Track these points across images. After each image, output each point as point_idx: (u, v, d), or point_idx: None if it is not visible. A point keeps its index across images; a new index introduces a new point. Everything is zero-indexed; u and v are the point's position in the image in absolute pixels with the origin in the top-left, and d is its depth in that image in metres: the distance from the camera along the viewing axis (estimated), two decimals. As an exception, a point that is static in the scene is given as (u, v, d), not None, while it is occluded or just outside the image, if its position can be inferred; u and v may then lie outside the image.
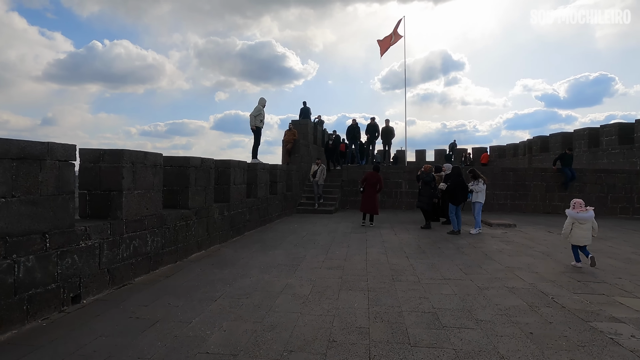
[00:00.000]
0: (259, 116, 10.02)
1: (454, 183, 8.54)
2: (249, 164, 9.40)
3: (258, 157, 10.16)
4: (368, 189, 9.81)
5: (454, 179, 8.60)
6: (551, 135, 19.40)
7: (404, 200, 14.30)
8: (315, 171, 12.32)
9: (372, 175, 9.92)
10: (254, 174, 9.33)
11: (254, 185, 9.34)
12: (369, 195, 9.83)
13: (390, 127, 14.82)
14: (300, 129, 15.27)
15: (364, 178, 10.07)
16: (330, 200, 13.48)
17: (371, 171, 10.13)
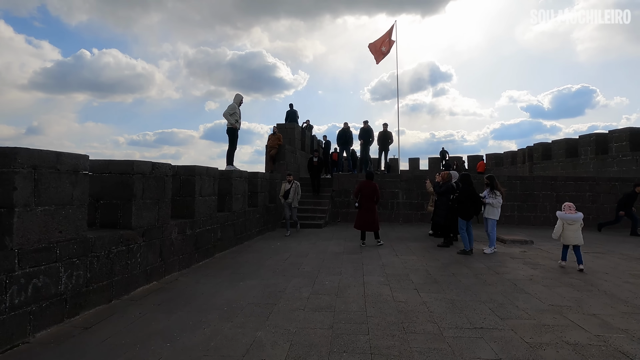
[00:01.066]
0: (234, 115, 8.66)
1: (464, 193, 7.29)
2: (222, 171, 8.03)
3: (234, 164, 8.79)
4: (364, 202, 8.37)
5: (464, 188, 7.35)
6: (554, 142, 18.52)
7: (402, 212, 13.04)
8: (287, 190, 9.65)
9: (367, 185, 8.50)
10: (228, 183, 7.95)
11: (229, 196, 7.95)
12: (366, 208, 8.37)
13: (389, 132, 13.63)
14: (286, 133, 13.98)
15: (357, 189, 8.44)
16: (319, 213, 12.13)
17: (365, 180, 8.67)
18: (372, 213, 8.36)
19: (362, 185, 8.47)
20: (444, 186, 8.19)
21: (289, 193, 9.69)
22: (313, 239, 9.30)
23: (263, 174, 10.10)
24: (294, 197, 9.76)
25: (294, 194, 9.74)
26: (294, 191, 9.76)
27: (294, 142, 13.89)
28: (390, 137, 13.58)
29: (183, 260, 5.96)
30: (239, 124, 8.68)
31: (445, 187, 8.17)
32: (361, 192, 8.40)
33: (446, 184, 8.23)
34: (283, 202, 9.77)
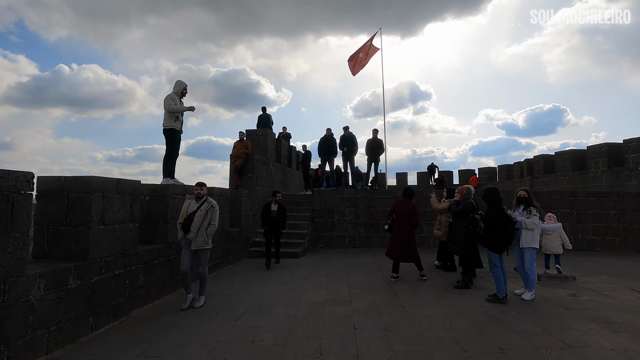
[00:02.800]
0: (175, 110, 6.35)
1: (496, 215, 5.25)
2: (155, 186, 5.78)
3: (176, 177, 6.49)
4: (398, 226, 6.55)
5: (494, 207, 5.32)
6: (557, 153, 17.00)
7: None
8: (192, 213, 4.95)
9: (404, 205, 6.60)
10: (162, 203, 5.70)
11: (163, 222, 5.69)
12: (402, 234, 6.55)
13: (379, 139, 11.63)
14: (257, 141, 11.81)
15: (392, 209, 6.77)
16: (295, 238, 9.89)
17: (401, 199, 6.77)
18: (409, 241, 6.60)
19: (398, 205, 6.65)
20: (462, 204, 6.14)
21: (193, 217, 4.89)
22: (285, 276, 7.04)
23: (220, 189, 7.85)
24: (200, 226, 4.89)
25: (201, 221, 4.90)
26: (203, 217, 4.92)
27: (266, 151, 11.73)
28: (381, 146, 11.60)
29: (59, 332, 3.63)
30: (181, 123, 6.40)
31: (464, 205, 6.12)
32: (395, 212, 6.62)
33: (464, 201, 6.19)
34: (180, 237, 5.00)
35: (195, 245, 4.95)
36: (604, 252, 10.55)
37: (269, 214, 7.72)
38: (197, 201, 5.03)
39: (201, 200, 5.04)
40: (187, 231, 4.90)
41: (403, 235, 6.52)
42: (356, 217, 11.07)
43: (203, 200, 5.04)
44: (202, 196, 5.05)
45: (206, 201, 5.06)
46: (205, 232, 4.96)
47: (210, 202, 5.07)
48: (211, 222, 5.03)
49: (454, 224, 6.29)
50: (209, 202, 5.07)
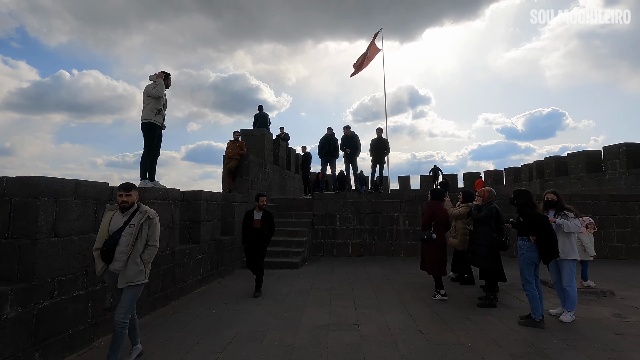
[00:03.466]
0: (157, 102, 5.55)
1: (534, 220, 4.45)
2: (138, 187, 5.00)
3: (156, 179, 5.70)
4: (440, 232, 5.67)
5: (527, 212, 4.53)
6: (570, 155, 16.26)
7: (403, 243, 10.16)
8: (117, 232, 3.31)
9: (442, 209, 5.82)
10: (136, 208, 4.90)
11: (138, 230, 4.88)
12: (444, 241, 5.76)
13: (384, 139, 10.85)
14: (253, 141, 11.06)
15: (430, 213, 5.64)
16: (294, 246, 9.10)
17: (435, 201, 5.85)
18: (444, 250, 5.73)
19: (437, 209, 5.73)
20: (485, 209, 5.35)
21: (116, 241, 3.30)
22: (282, 291, 6.24)
23: (209, 193, 7.07)
24: (130, 255, 3.33)
25: (130, 244, 3.32)
26: (132, 235, 3.33)
27: (263, 152, 10.96)
28: (387, 146, 10.84)
29: (-13, 377, 2.84)
30: (162, 116, 5.60)
31: (487, 211, 5.33)
32: (435, 217, 5.65)
33: (487, 206, 5.40)
34: (99, 270, 3.36)
35: (124, 281, 3.29)
36: (630, 260, 9.75)
37: (250, 225, 5.97)
38: (124, 213, 3.39)
39: (130, 211, 3.40)
40: (110, 260, 3.28)
41: (443, 241, 5.71)
42: (360, 223, 10.29)
43: (133, 211, 3.41)
44: (129, 205, 3.38)
45: (138, 211, 3.43)
46: (139, 259, 3.34)
47: (146, 211, 3.46)
48: (149, 241, 3.41)
49: (475, 232, 5.49)
50: (143, 213, 3.43)
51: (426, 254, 5.71)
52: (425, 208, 5.85)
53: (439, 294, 5.66)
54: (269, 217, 6.13)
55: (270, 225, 6.12)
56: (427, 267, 5.72)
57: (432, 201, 5.83)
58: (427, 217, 5.66)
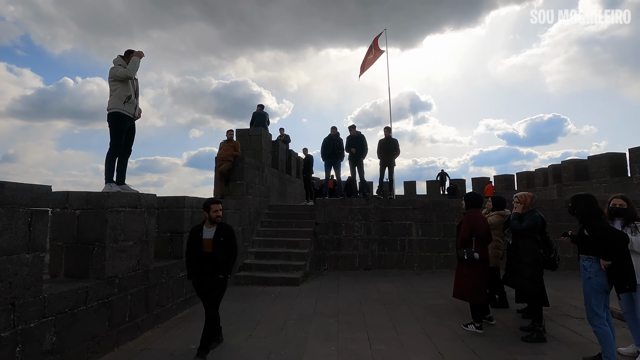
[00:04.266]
0: (125, 88, 4.52)
1: (604, 239, 3.45)
2: (90, 195, 4.07)
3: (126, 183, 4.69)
4: (481, 249, 4.56)
5: (595, 225, 3.53)
6: (591, 157, 15.25)
7: (416, 255, 9.15)
8: None
9: (482, 218, 4.71)
10: (98, 219, 3.97)
11: (100, 246, 3.94)
12: (488, 260, 4.70)
13: (393, 139, 9.88)
14: (249, 142, 10.12)
15: (472, 225, 4.51)
16: (295, 259, 8.11)
17: (474, 209, 4.69)
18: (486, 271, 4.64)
19: (477, 219, 4.60)
20: (528, 218, 4.36)
21: None
22: (279, 316, 5.24)
23: (195, 199, 6.10)
24: None
25: None
26: None
27: (260, 154, 10.01)
28: (396, 147, 9.87)
29: None
30: (133, 105, 4.66)
31: (532, 220, 4.34)
32: (475, 230, 4.52)
33: (531, 214, 4.41)
34: None
35: None
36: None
37: (198, 247, 3.95)
38: None
39: None
40: None
41: (488, 262, 4.68)
42: (368, 233, 9.30)
43: None
44: None
45: None
46: None
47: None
48: None
49: (515, 246, 4.49)
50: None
51: (464, 277, 4.58)
52: (462, 219, 4.73)
53: (474, 326, 4.62)
54: (226, 234, 3.98)
55: (230, 247, 3.98)
56: (465, 293, 4.58)
57: (470, 210, 4.70)
58: (466, 230, 4.52)
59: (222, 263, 3.88)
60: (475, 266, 4.48)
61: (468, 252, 4.45)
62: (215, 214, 3.97)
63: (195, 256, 3.92)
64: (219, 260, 3.88)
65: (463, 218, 4.72)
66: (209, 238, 3.92)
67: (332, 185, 11.21)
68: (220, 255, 3.89)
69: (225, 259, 3.91)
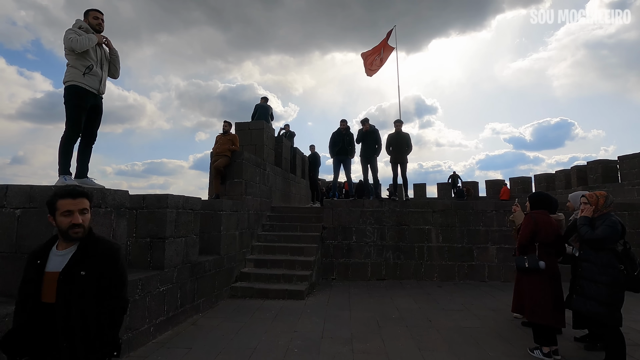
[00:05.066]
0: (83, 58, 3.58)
1: None
2: (34, 190, 3.16)
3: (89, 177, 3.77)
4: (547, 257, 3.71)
5: None
6: (622, 157, 14.15)
7: (436, 264, 8.17)
8: None
9: (548, 222, 3.78)
10: (38, 222, 3.06)
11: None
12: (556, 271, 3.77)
13: (405, 133, 8.88)
14: (249, 136, 9.23)
15: (533, 228, 3.70)
16: (299, 268, 7.17)
17: (540, 211, 3.86)
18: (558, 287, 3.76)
19: (543, 222, 3.73)
20: (605, 225, 3.37)
21: None
22: (280, 340, 4.29)
23: (181, 198, 5.17)
24: None
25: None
26: None
27: (262, 150, 9.10)
28: (408, 142, 8.87)
29: None
30: (97, 79, 3.62)
31: (609, 227, 3.35)
32: (539, 234, 3.68)
33: (607, 219, 3.42)
34: None
35: None
36: None
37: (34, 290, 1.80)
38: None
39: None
40: None
41: (558, 275, 3.77)
42: (381, 238, 8.33)
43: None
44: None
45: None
46: None
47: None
48: None
49: (586, 260, 3.51)
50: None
51: (526, 290, 3.73)
52: (524, 221, 3.88)
53: (540, 352, 3.67)
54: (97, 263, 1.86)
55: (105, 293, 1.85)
56: (526, 309, 3.76)
57: (535, 212, 3.85)
58: (525, 234, 3.67)
59: (82, 337, 1.76)
60: (542, 277, 3.58)
61: (530, 259, 3.55)
62: (67, 221, 1.84)
63: (28, 309, 1.80)
64: (74, 331, 1.76)
65: (525, 219, 3.83)
66: (54, 271, 1.82)
67: (347, 187, 10.28)
68: (75, 315, 1.77)
69: (95, 325, 1.80)
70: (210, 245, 6.28)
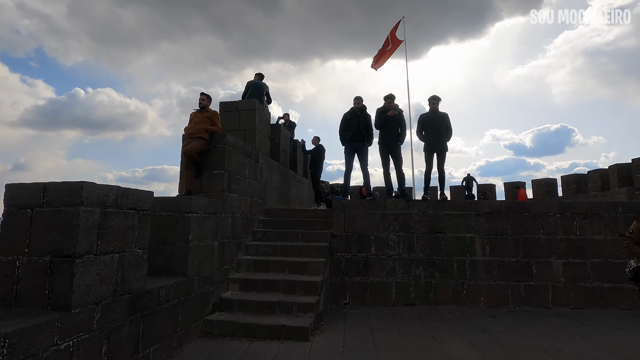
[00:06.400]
0: None
1: None
2: None
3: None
4: None
5: None
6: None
7: (483, 285, 6.25)
8: None
9: None
10: None
11: None
12: None
13: (442, 113, 6.84)
14: (237, 119, 7.36)
15: None
16: (302, 292, 5.25)
17: None
18: None
19: None
20: None
21: None
22: None
23: (113, 190, 3.26)
24: None
25: None
26: None
27: (253, 137, 7.19)
28: (447, 124, 6.98)
29: None
30: None
31: None
32: None
33: None
34: None
35: None
36: None
37: None
38: None
39: None
40: None
41: None
42: (409, 250, 6.43)
43: None
44: None
45: None
46: None
47: None
48: None
49: None
50: None
51: None
52: None
53: None
54: None
55: None
56: None
57: None
58: None
59: None
60: None
61: None
62: None
63: None
64: None
65: None
66: None
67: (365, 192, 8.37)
68: None
69: None
70: (172, 262, 4.39)
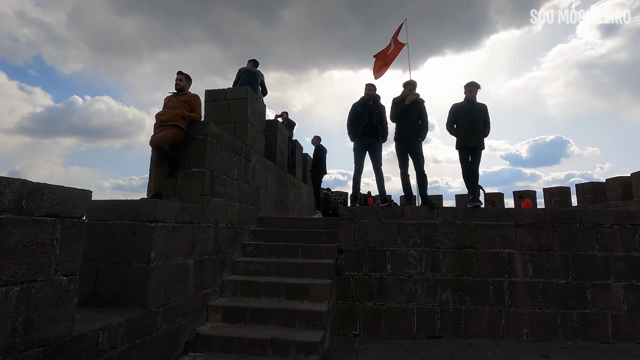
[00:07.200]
0: None
1: None
2: None
3: None
4: None
5: None
6: None
7: (525, 312, 5.08)
8: None
9: None
10: None
11: None
12: None
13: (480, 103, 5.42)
14: (225, 109, 6.24)
15: None
16: (302, 324, 4.07)
17: None
18: None
19: None
20: None
21: None
22: None
23: (17, 183, 2.12)
24: None
25: None
26: None
27: (244, 131, 6.06)
28: (486, 117, 5.76)
29: None
30: None
31: None
32: None
33: None
34: None
35: None
36: None
37: None
38: None
39: None
40: None
41: None
42: (433, 269, 5.26)
43: None
44: None
45: None
46: None
47: None
48: None
49: None
50: None
51: None
52: None
53: None
54: None
55: None
56: None
57: None
58: None
59: None
60: None
61: None
62: None
63: None
64: None
65: None
66: None
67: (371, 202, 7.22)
68: None
69: None
70: (127, 289, 3.22)
